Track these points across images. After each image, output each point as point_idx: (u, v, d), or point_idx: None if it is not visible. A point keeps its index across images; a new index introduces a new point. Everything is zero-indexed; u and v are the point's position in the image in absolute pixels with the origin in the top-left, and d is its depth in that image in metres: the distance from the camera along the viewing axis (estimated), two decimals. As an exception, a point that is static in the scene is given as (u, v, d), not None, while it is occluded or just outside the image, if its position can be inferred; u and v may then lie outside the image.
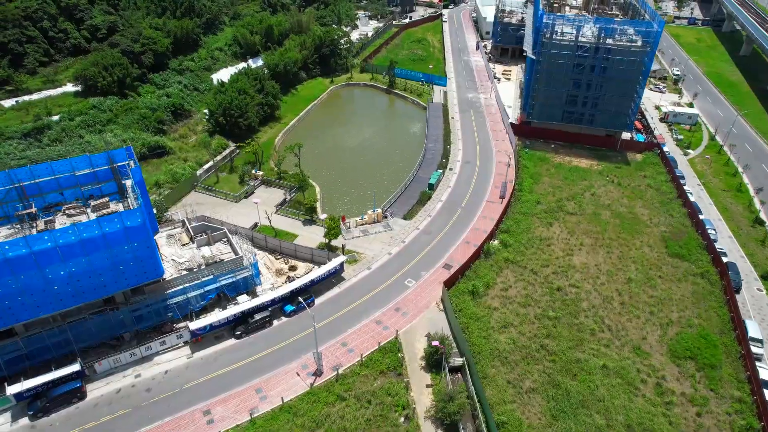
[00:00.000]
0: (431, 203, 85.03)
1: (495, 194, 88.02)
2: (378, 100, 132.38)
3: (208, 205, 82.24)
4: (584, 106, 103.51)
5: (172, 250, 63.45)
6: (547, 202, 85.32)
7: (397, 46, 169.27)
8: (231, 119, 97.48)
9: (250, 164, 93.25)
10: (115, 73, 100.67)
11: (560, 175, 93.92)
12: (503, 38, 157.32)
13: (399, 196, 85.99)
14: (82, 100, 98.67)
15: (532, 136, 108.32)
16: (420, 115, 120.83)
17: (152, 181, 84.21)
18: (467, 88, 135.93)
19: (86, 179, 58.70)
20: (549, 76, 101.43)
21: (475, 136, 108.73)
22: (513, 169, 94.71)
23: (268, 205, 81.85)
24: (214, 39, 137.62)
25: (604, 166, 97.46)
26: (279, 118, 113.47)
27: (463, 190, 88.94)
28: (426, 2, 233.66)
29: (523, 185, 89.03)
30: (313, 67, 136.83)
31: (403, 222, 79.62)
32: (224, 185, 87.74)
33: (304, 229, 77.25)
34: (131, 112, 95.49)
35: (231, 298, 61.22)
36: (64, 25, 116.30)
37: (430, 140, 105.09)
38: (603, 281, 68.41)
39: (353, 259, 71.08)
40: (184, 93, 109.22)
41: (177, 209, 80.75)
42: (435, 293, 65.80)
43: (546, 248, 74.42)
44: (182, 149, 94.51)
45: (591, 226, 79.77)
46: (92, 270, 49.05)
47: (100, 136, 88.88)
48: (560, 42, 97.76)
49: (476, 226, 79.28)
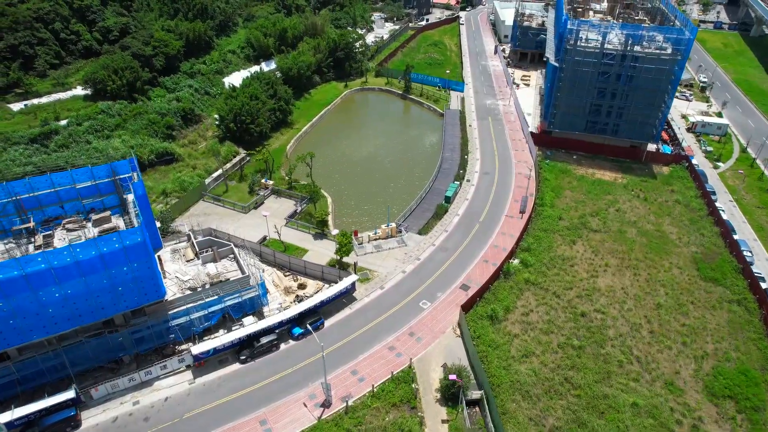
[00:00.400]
0: (448, 217, 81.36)
1: (515, 208, 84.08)
2: (393, 105, 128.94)
3: (216, 215, 79.43)
4: (608, 115, 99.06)
5: (176, 267, 60.57)
6: (569, 218, 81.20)
7: (413, 50, 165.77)
8: (242, 125, 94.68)
9: (260, 173, 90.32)
10: (125, 77, 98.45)
11: (583, 189, 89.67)
12: (522, 42, 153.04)
13: (414, 209, 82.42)
14: (91, 104, 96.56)
15: (552, 146, 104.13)
16: (436, 123, 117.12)
17: (159, 190, 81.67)
18: (485, 94, 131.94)
19: (87, 192, 55.99)
20: (572, 85, 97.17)
21: (493, 145, 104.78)
22: (533, 181, 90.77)
23: (278, 217, 78.81)
24: (226, 41, 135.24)
25: (629, 180, 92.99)
26: (291, 123, 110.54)
27: (481, 204, 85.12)
28: (443, 4, 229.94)
29: (544, 199, 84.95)
30: (327, 71, 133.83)
31: (418, 237, 76.05)
32: (233, 195, 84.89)
33: (314, 243, 74.04)
34: (140, 117, 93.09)
35: (236, 320, 58.12)
36: (76, 27, 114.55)
37: (446, 149, 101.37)
38: (630, 306, 64.23)
39: (365, 278, 67.68)
40: (195, 97, 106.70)
41: (184, 219, 78.03)
42: (451, 317, 62.15)
43: (569, 269, 70.38)
44: (191, 156, 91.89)
45: (616, 244, 75.52)
46: (89, 292, 46.23)
47: (107, 142, 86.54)
48: (585, 49, 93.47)
49: (495, 243, 75.45)
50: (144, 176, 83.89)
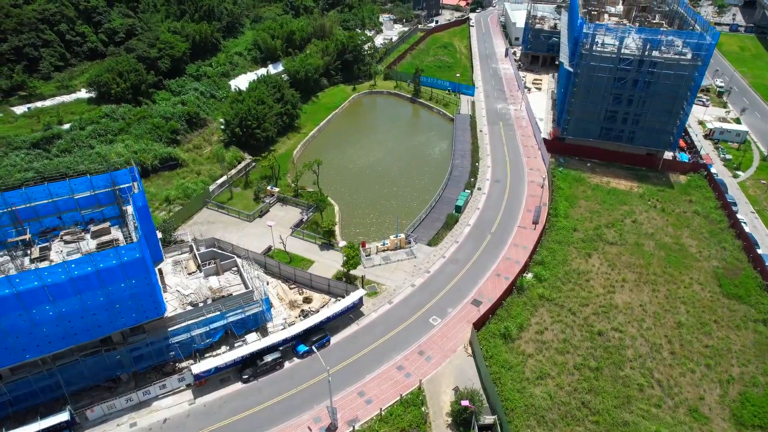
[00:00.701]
0: (458, 227, 78.83)
1: (527, 219, 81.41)
2: (402, 109, 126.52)
3: (220, 224, 77.37)
4: (624, 122, 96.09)
5: (177, 280, 58.48)
6: (584, 230, 78.44)
7: (423, 52, 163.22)
8: (248, 130, 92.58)
9: (265, 179, 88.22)
10: (129, 80, 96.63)
11: (598, 198, 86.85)
12: (534, 45, 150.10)
13: (423, 218, 79.95)
14: (95, 108, 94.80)
15: (565, 153, 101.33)
16: (446, 128, 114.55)
17: (162, 197, 79.76)
18: (496, 98, 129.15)
19: (86, 202, 54.10)
20: (587, 90, 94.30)
21: (505, 152, 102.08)
22: (546, 190, 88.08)
23: (284, 226, 76.63)
24: (233, 43, 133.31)
25: (645, 189, 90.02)
26: (298, 127, 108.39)
27: (492, 213, 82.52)
28: (452, 6, 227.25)
29: (558, 209, 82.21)
30: (335, 74, 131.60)
31: (428, 249, 73.58)
32: (238, 202, 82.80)
33: (320, 254, 71.75)
34: (144, 122, 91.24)
35: (238, 336, 55.93)
36: (81, 29, 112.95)
37: (456, 156, 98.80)
38: (649, 325, 61.45)
39: (373, 291, 65.32)
40: (200, 101, 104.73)
41: (187, 227, 76.02)
42: (463, 334, 59.65)
43: (585, 284, 67.66)
44: (196, 161, 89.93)
45: (633, 258, 72.70)
46: (85, 310, 44.18)
47: (110, 147, 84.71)
48: (601, 54, 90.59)
49: (507, 256, 72.84)
50: (147, 182, 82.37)
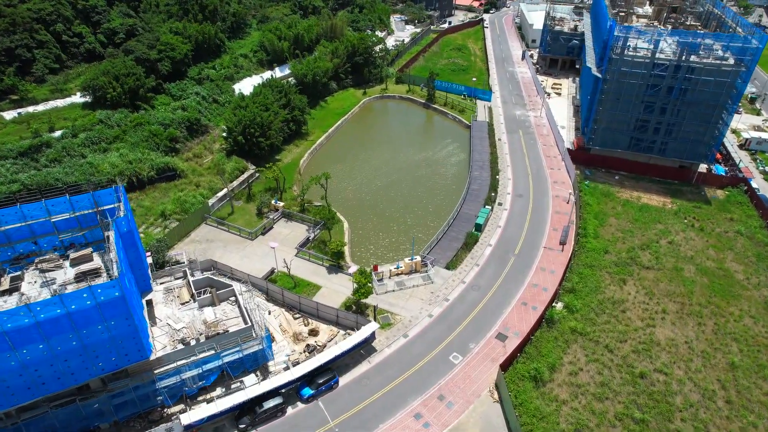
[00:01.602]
0: (479, 248, 72.16)
1: (554, 238, 74.59)
2: (415, 115, 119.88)
3: (220, 242, 71.21)
4: (656, 132, 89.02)
5: (168, 311, 52.26)
6: (616, 252, 71.54)
7: (436, 54, 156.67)
8: (251, 138, 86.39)
9: (270, 191, 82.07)
10: (126, 84, 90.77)
11: (629, 216, 79.91)
12: (553, 48, 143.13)
13: (441, 237, 73.35)
14: (90, 113, 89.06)
15: (591, 165, 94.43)
16: (462, 136, 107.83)
17: (158, 211, 73.73)
18: (514, 103, 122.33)
19: (66, 225, 48.08)
20: (616, 98, 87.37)
21: (526, 163, 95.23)
22: (573, 206, 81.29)
23: (288, 245, 70.32)
24: (238, 44, 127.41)
25: (679, 205, 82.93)
26: (305, 134, 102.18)
27: (515, 232, 75.78)
28: (465, 6, 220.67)
29: (587, 228, 75.37)
30: (345, 77, 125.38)
31: (446, 273, 66.96)
32: (239, 217, 76.63)
33: (328, 278, 65.36)
34: (141, 128, 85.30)
35: (235, 377, 49.64)
36: (79, 29, 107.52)
37: (475, 167, 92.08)
38: (698, 366, 54.49)
39: (386, 323, 58.80)
40: (202, 106, 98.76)
41: (183, 246, 70.04)
42: (487, 375, 53.01)
43: (621, 315, 60.80)
44: (195, 171, 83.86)
45: (673, 285, 65.72)
46: (54, 357, 38.06)
47: (104, 157, 78.82)
48: (633, 59, 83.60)
49: (534, 281, 66.06)
50: (142, 195, 76.46)
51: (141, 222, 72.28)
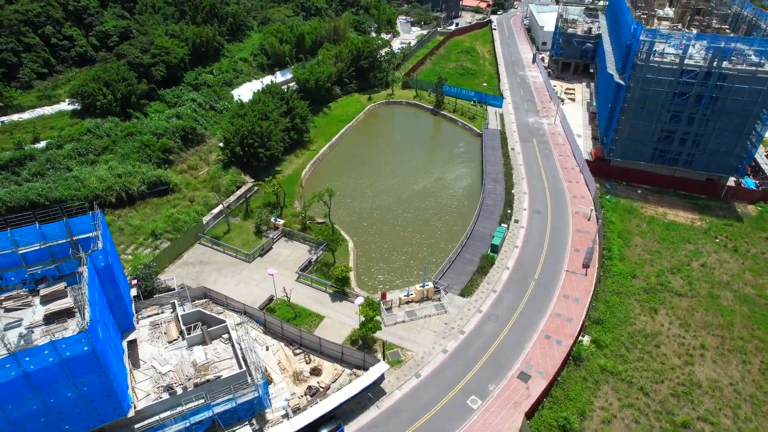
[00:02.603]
0: (495, 271, 66.45)
1: (576, 260, 68.84)
2: (423, 123, 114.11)
3: (214, 264, 65.66)
4: (682, 144, 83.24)
5: (154, 350, 46.71)
6: (645, 276, 65.83)
7: (443, 57, 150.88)
8: (249, 150, 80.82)
9: (269, 207, 76.57)
10: (118, 90, 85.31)
11: (655, 234, 74.19)
12: (566, 51, 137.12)
13: (453, 259, 67.64)
14: (78, 122, 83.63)
15: (611, 177, 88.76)
16: (473, 145, 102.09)
17: (148, 230, 68.19)
18: (526, 110, 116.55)
19: (36, 257, 42.54)
20: (640, 107, 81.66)
21: (542, 175, 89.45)
22: (594, 222, 75.62)
23: (288, 269, 64.76)
24: (238, 47, 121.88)
25: (709, 223, 77.16)
26: (308, 143, 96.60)
27: (534, 253, 70.04)
28: (472, 7, 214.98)
29: (612, 249, 69.70)
30: (349, 82, 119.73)
31: (461, 300, 61.26)
32: (236, 236, 71.08)
33: (332, 306, 59.74)
34: (132, 139, 79.83)
35: (225, 428, 44.03)
36: (70, 31, 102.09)
37: (488, 179, 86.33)
38: (747, 413, 48.77)
39: (396, 360, 53.17)
40: (198, 113, 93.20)
41: (175, 269, 64.57)
42: (510, 423, 47.30)
43: (654, 351, 55.11)
44: (189, 185, 78.34)
45: (710, 315, 59.98)
46: (9, 423, 32.48)
47: (91, 170, 73.34)
48: (659, 65, 77.82)
49: (557, 311, 60.31)
50: (132, 211, 70.94)
51: (130, 242, 66.84)
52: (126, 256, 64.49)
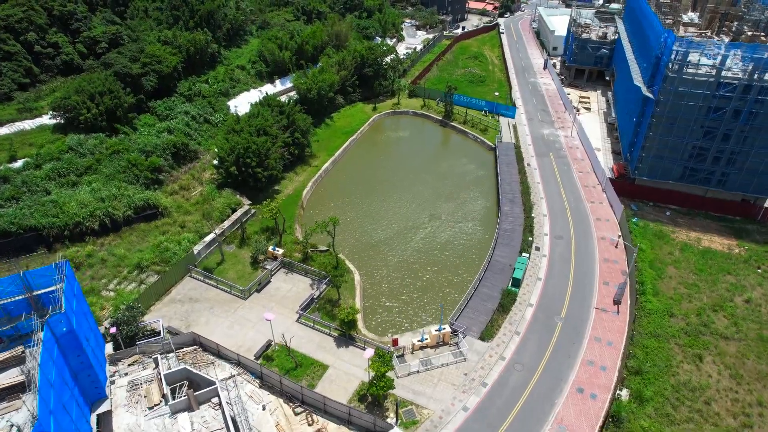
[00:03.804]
0: (518, 309, 59.86)
1: (605, 295, 62.24)
2: (432, 135, 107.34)
3: (206, 302, 59.06)
4: (716, 162, 76.70)
5: (131, 419, 40.15)
6: (683, 314, 59.25)
7: (450, 63, 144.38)
8: (246, 169, 74.23)
9: (267, 232, 70.08)
10: (103, 103, 78.74)
11: (690, 264, 67.62)
12: (580, 57, 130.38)
13: (471, 295, 61.04)
14: (60, 138, 77.08)
15: (636, 197, 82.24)
16: (486, 160, 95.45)
17: (133, 262, 61.54)
18: (541, 120, 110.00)
19: (-11, 316, 36.01)
20: (670, 122, 75.17)
21: (562, 195, 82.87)
22: (622, 250, 69.14)
23: (288, 306, 58.21)
24: (235, 53, 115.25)
25: (749, 250, 70.57)
26: (309, 158, 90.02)
27: (559, 287, 63.45)
28: (478, 10, 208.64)
29: (644, 282, 63.12)
30: (353, 91, 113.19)
31: (481, 345, 54.65)
32: (230, 267, 64.50)
33: (337, 353, 53.16)
34: (118, 157, 73.35)
35: None
36: (55, 38, 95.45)
37: (504, 199, 79.72)
38: (817, 489, 42.25)
39: (412, 420, 46.59)
40: (191, 127, 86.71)
41: (162, 307, 58.00)
42: (546, 505, 40.81)
43: (705, 409, 48.54)
44: (181, 208, 71.75)
45: (764, 364, 53.40)
46: None
47: (72, 192, 66.84)
48: (694, 77, 71.27)
49: (589, 357, 53.72)
50: (117, 239, 64.43)
51: (113, 275, 60.25)
52: (108, 293, 57.94)
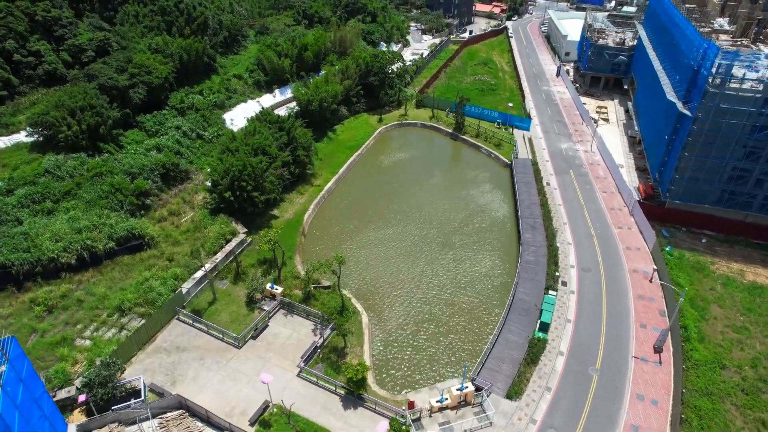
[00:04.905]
0: (547, 358, 52.95)
1: (643, 341, 55.32)
2: (442, 150, 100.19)
3: (194, 352, 52.12)
4: (758, 185, 69.86)
5: None
6: (736, 366, 52.35)
7: (459, 70, 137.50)
8: (242, 194, 67.29)
9: (265, 264, 63.26)
10: (85, 120, 71.78)
11: (736, 302, 60.74)
12: (596, 65, 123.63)
13: (494, 343, 54.09)
14: (38, 158, 70.13)
15: (666, 221, 75.49)
16: (502, 178, 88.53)
17: (114, 303, 54.57)
18: (557, 133, 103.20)
19: None
20: (709, 141, 68.34)
21: (586, 218, 75.99)
22: (657, 285, 62.32)
23: (288, 357, 51.34)
24: (232, 61, 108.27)
25: (799, 285, 63.69)
26: (311, 177, 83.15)
27: (591, 331, 56.54)
28: (485, 13, 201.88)
29: (687, 325, 56.21)
30: (357, 101, 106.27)
31: (508, 405, 47.74)
32: (223, 308, 57.55)
33: (344, 416, 46.26)
34: (101, 180, 66.44)
35: None
36: (36, 46, 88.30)
37: (525, 225, 72.73)
38: None
39: (432, 507, 39.73)
40: (183, 143, 79.85)
41: (146, 358, 51.10)
42: None
43: (774, 488, 41.66)
44: (169, 238, 64.83)
45: (832, 427, 46.50)
46: None
47: (47, 221, 59.91)
48: (738, 93, 64.41)
49: (632, 421, 46.82)
50: (96, 275, 57.74)
51: (90, 319, 53.30)
52: (83, 342, 51.00)
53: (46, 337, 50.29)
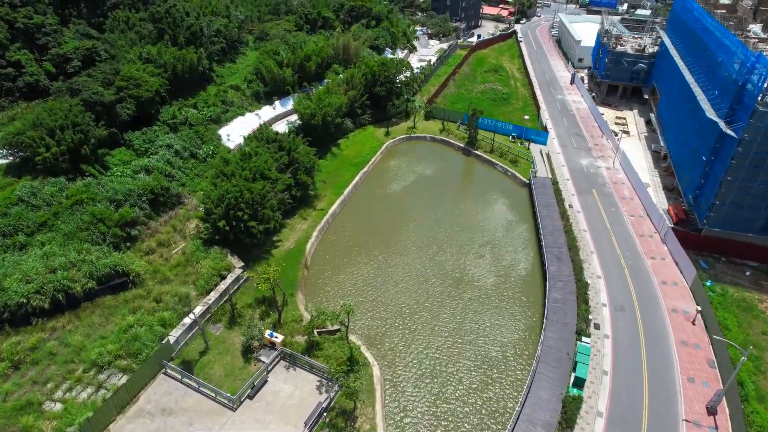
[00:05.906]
0: (584, 421, 46.30)
1: (692, 398, 48.69)
2: (454, 167, 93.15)
3: (182, 416, 45.46)
4: (808, 212, 63.34)
5: None
6: (802, 430, 45.70)
7: (468, 77, 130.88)
8: (238, 224, 60.65)
9: (263, 304, 56.65)
10: (65, 140, 65.16)
11: (791, 348, 54.08)
12: (613, 73, 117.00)
13: (524, 403, 47.44)
14: (13, 182, 63.60)
15: (703, 249, 68.96)
16: (520, 199, 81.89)
17: (92, 357, 47.89)
18: (576, 147, 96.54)
19: None
20: (757, 165, 61.68)
21: (615, 247, 69.29)
22: (701, 328, 55.69)
23: (290, 420, 44.68)
24: (230, 69, 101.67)
25: None
26: (314, 199, 76.58)
27: (632, 385, 49.86)
28: (493, 16, 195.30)
29: (744, 382, 49.54)
30: (362, 113, 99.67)
31: (546, 485, 41.16)
32: (216, 360, 50.91)
33: (355, 502, 39.73)
34: (81, 209, 59.81)
35: None
36: (17, 56, 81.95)
37: (549, 256, 66.06)
38: None
39: None
40: (174, 164, 73.28)
41: (125, 424, 44.41)
42: None
43: None
44: (158, 273, 58.22)
45: None
46: None
47: (18, 260, 53.30)
48: (790, 113, 57.83)
49: (691, 504, 40.25)
50: (73, 321, 51.94)
51: (62, 378, 46.65)
52: (52, 406, 44.33)
53: (9, 401, 43.67)
